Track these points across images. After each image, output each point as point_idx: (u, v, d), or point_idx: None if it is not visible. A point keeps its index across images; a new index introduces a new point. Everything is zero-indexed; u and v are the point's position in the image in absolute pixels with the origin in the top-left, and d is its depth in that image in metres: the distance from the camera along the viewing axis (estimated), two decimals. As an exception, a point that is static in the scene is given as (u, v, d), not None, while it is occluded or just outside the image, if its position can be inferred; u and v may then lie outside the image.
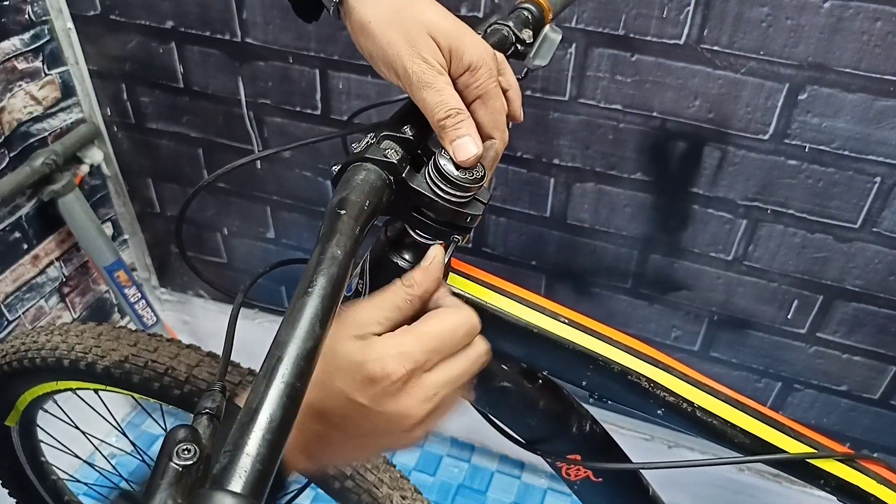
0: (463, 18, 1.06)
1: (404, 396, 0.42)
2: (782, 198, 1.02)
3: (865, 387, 1.17)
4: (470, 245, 1.28)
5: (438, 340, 0.43)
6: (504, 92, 0.53)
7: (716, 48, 0.93)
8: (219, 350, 0.69)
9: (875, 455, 0.60)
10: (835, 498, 0.60)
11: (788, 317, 1.13)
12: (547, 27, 0.65)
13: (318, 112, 1.20)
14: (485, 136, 0.49)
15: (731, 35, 0.91)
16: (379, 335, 0.43)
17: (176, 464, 0.35)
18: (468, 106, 0.49)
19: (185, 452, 0.36)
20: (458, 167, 0.46)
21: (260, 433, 0.33)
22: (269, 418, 0.34)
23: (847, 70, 0.89)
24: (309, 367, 0.36)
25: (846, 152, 0.95)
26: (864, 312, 1.08)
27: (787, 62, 0.91)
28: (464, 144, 0.46)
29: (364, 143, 0.47)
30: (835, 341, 1.13)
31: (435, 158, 0.46)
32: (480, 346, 0.45)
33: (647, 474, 0.72)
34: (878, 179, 0.96)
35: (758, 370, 1.22)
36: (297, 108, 1.21)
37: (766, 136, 0.97)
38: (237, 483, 0.31)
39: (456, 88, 0.48)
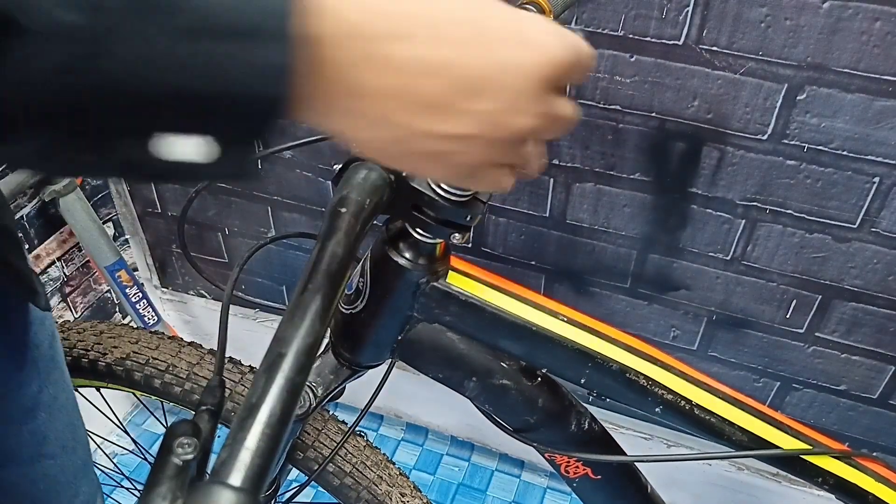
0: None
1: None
2: (781, 198, 1.02)
3: (864, 386, 1.17)
4: (469, 244, 1.28)
5: None
6: None
7: (715, 49, 0.93)
8: (220, 348, 0.69)
9: (875, 454, 0.60)
10: (833, 496, 0.60)
11: (787, 316, 1.14)
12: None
13: (319, 112, 1.20)
14: None
15: (731, 35, 0.92)
16: None
17: (176, 458, 0.36)
18: None
19: (185, 447, 0.36)
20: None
21: (260, 428, 0.33)
22: (270, 413, 0.34)
23: (846, 70, 0.89)
24: (309, 362, 0.37)
25: (845, 152, 0.95)
26: (862, 312, 1.09)
27: (785, 62, 0.91)
28: None
29: None
30: (833, 341, 1.14)
31: (434, 157, 0.47)
32: None
33: (645, 472, 0.72)
34: (876, 179, 0.96)
35: (756, 370, 1.23)
36: (298, 108, 1.21)
37: (765, 137, 0.98)
38: (236, 477, 0.32)
39: None
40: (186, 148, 0.28)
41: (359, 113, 0.31)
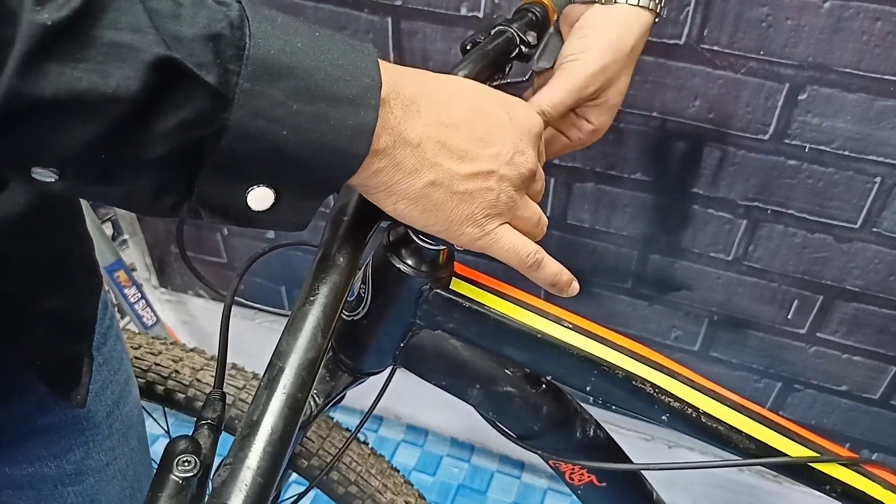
0: (463, 19, 1.05)
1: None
2: (782, 198, 1.02)
3: (865, 387, 1.16)
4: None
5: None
6: None
7: (716, 48, 0.93)
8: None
9: (875, 457, 0.60)
10: (839, 503, 0.60)
11: (788, 317, 1.13)
12: (551, 29, 0.64)
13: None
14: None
15: (732, 35, 0.91)
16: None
17: (176, 476, 0.35)
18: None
19: (185, 464, 0.35)
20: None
21: (261, 446, 0.33)
22: (271, 430, 0.33)
23: (847, 70, 0.89)
24: (310, 377, 0.36)
25: (846, 152, 0.95)
26: (864, 312, 1.08)
27: (787, 62, 0.91)
28: None
29: None
30: (835, 341, 1.13)
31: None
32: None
33: (648, 476, 0.72)
34: (878, 179, 0.95)
35: (758, 370, 1.22)
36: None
37: (767, 137, 0.97)
38: (237, 497, 0.31)
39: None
40: (257, 195, 0.34)
41: (407, 163, 0.38)
